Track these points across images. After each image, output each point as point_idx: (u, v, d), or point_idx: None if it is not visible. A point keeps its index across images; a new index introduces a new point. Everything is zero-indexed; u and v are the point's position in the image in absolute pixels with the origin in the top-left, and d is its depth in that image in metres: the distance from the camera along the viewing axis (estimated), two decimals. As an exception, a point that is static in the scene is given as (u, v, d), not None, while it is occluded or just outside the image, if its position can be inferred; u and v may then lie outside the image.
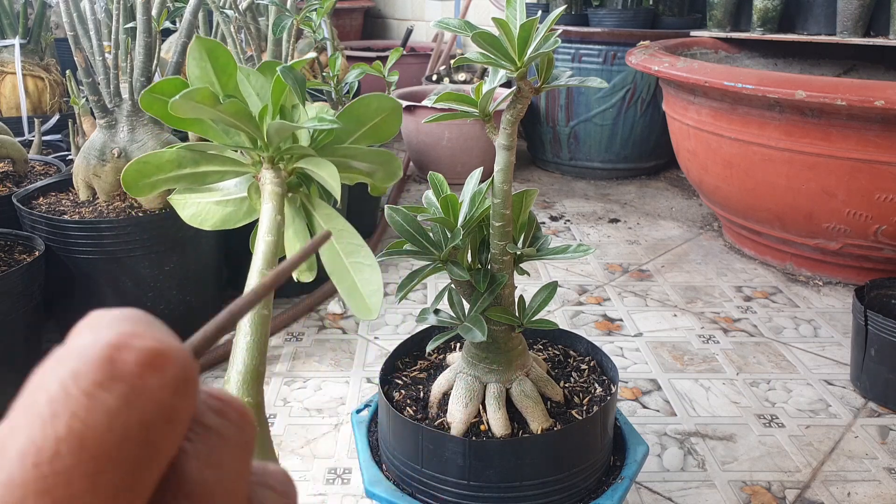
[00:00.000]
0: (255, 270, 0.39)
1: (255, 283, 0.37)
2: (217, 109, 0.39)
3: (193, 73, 0.42)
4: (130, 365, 0.12)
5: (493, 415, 0.67)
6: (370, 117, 0.47)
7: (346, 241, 0.46)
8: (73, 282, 1.11)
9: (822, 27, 1.78)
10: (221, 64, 0.42)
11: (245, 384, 0.36)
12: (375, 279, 0.45)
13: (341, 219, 0.46)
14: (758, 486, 0.90)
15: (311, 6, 1.24)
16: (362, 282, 0.45)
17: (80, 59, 1.09)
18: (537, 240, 0.69)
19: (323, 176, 0.41)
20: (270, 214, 0.41)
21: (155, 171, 0.42)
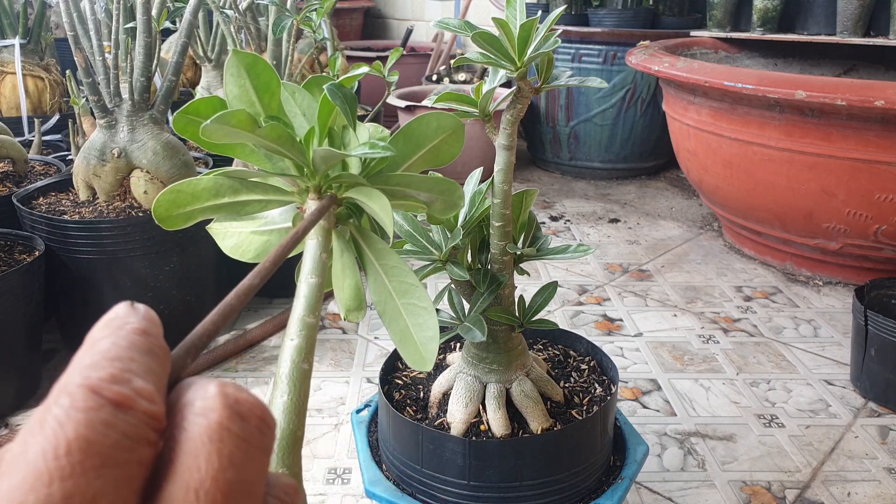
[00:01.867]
0: (295, 317, 0.34)
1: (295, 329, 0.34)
2: (256, 134, 0.35)
3: (232, 93, 0.38)
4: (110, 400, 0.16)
5: (493, 415, 0.67)
6: (429, 138, 0.42)
7: (398, 280, 0.41)
8: (73, 282, 1.11)
9: (822, 27, 1.78)
10: (263, 81, 0.38)
11: (281, 452, 0.32)
12: (431, 324, 0.40)
13: (394, 254, 0.41)
14: (758, 486, 0.90)
15: (311, 6, 1.24)
16: (416, 326, 0.40)
17: (80, 59, 1.09)
18: (537, 240, 0.69)
19: (375, 209, 0.37)
20: (315, 252, 0.37)
21: (190, 200, 0.38)
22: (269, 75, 0.39)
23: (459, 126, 0.42)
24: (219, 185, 0.39)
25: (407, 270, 0.42)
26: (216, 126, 0.34)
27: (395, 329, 0.41)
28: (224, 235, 0.46)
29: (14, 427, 1.01)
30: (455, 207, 0.43)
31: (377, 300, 0.42)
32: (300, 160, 0.39)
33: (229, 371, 1.16)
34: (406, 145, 0.42)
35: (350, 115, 0.40)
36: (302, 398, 0.33)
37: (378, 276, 0.41)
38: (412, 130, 0.42)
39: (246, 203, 0.40)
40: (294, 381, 0.33)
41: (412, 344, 0.41)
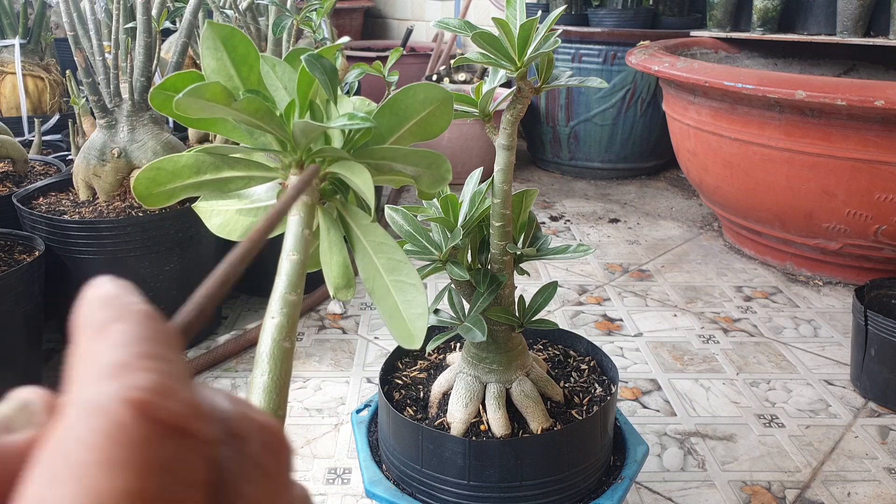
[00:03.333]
0: (277, 295, 0.33)
1: (277, 307, 0.33)
2: (232, 108, 0.34)
3: (209, 66, 0.37)
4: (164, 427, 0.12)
5: (493, 415, 0.67)
6: (416, 111, 0.40)
7: (386, 256, 0.39)
8: (73, 282, 1.11)
9: (822, 27, 1.78)
10: (240, 53, 0.37)
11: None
12: (420, 301, 0.39)
13: (381, 230, 0.40)
14: (758, 486, 0.90)
15: (311, 6, 1.24)
16: (404, 304, 0.39)
17: (80, 59, 1.09)
18: (537, 240, 0.69)
19: (357, 183, 0.36)
20: (296, 229, 0.35)
21: (171, 178, 0.37)
22: (246, 48, 0.37)
23: (447, 97, 0.40)
24: (200, 162, 0.38)
25: (394, 246, 0.40)
26: (189, 100, 0.32)
27: (385, 307, 0.40)
28: (210, 214, 0.44)
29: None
30: (442, 181, 0.42)
31: (366, 277, 0.41)
32: (280, 134, 0.37)
33: (229, 371, 1.16)
34: (392, 118, 0.40)
35: (330, 88, 0.39)
36: (283, 377, 0.32)
37: (366, 252, 0.40)
38: (398, 102, 0.40)
39: (229, 180, 0.39)
40: (275, 359, 0.32)
41: (401, 321, 0.40)
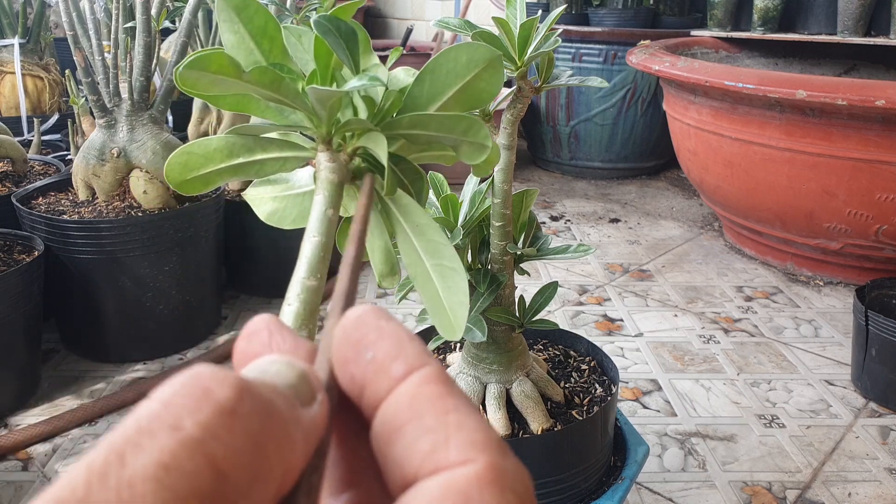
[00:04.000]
0: (295, 279, 0.31)
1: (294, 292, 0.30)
2: (243, 80, 0.31)
3: (228, 42, 0.34)
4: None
5: (493, 415, 0.67)
6: (460, 75, 0.35)
7: (426, 239, 0.36)
8: (73, 282, 1.11)
9: (823, 27, 1.78)
10: (257, 25, 0.34)
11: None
12: (462, 287, 0.36)
13: (422, 211, 0.37)
14: (758, 487, 0.90)
15: (310, 5, 1.24)
16: (445, 290, 0.36)
17: (80, 59, 1.09)
18: (537, 240, 0.69)
19: (376, 152, 0.33)
20: (320, 209, 0.33)
21: (203, 162, 0.35)
22: (263, 18, 0.34)
23: (496, 58, 0.35)
24: (231, 145, 0.36)
25: (435, 228, 0.38)
26: (194, 73, 0.31)
27: (427, 295, 0.37)
28: (259, 202, 0.42)
29: (13, 427, 1.01)
30: (484, 149, 0.37)
31: (408, 262, 0.38)
32: (301, 107, 0.35)
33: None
34: (432, 85, 0.36)
35: (347, 53, 0.35)
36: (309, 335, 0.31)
37: (406, 235, 0.37)
38: (438, 67, 0.36)
39: (263, 162, 0.37)
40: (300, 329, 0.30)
41: (442, 310, 0.37)
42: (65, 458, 0.95)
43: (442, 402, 0.15)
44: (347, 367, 0.16)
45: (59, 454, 0.95)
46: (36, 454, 0.95)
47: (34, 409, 1.05)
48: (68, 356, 1.20)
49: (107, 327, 1.15)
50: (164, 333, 1.19)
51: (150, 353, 1.19)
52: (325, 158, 0.35)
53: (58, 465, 0.93)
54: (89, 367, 1.16)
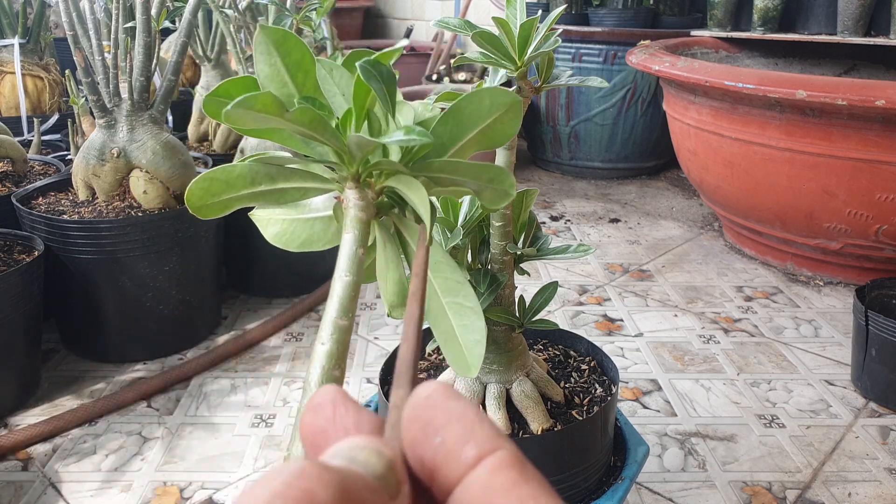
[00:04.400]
0: (328, 319, 0.31)
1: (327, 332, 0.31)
2: (285, 119, 0.32)
3: (262, 72, 0.35)
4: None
5: (493, 415, 0.67)
6: (482, 117, 0.37)
7: (443, 277, 0.38)
8: (73, 282, 1.11)
9: (823, 27, 1.78)
10: (294, 59, 0.35)
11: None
12: (478, 326, 0.37)
13: (440, 249, 0.38)
14: (758, 487, 0.90)
15: (310, 5, 1.24)
16: (461, 328, 0.37)
17: (80, 59, 1.09)
18: (537, 240, 0.69)
19: (414, 201, 0.34)
20: (351, 248, 0.34)
21: (225, 188, 0.36)
22: (301, 52, 0.35)
23: (516, 102, 0.36)
24: (255, 173, 0.37)
25: (454, 266, 0.39)
26: (240, 111, 0.31)
27: (440, 330, 0.38)
28: (267, 223, 0.43)
29: (13, 427, 1.01)
30: (506, 196, 0.39)
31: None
32: (336, 146, 0.35)
33: (229, 371, 1.15)
34: (455, 126, 0.38)
35: (387, 97, 0.36)
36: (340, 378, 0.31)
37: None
38: (462, 110, 0.37)
39: (284, 191, 0.38)
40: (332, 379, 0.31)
41: (457, 347, 0.38)
42: (65, 458, 0.95)
43: (517, 492, 0.15)
44: (416, 450, 0.16)
45: (59, 454, 0.95)
46: (36, 454, 0.95)
47: (34, 409, 1.05)
48: (68, 356, 1.20)
49: (107, 327, 1.15)
50: (164, 333, 1.19)
51: (150, 353, 1.19)
52: (354, 196, 0.36)
53: (58, 465, 0.93)
54: (89, 367, 1.16)
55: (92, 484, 0.90)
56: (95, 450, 0.96)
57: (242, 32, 1.43)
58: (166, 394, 1.09)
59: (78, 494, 0.88)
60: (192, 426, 1.01)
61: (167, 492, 0.88)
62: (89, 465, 0.93)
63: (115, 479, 0.91)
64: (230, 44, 1.33)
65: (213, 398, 1.08)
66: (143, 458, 0.95)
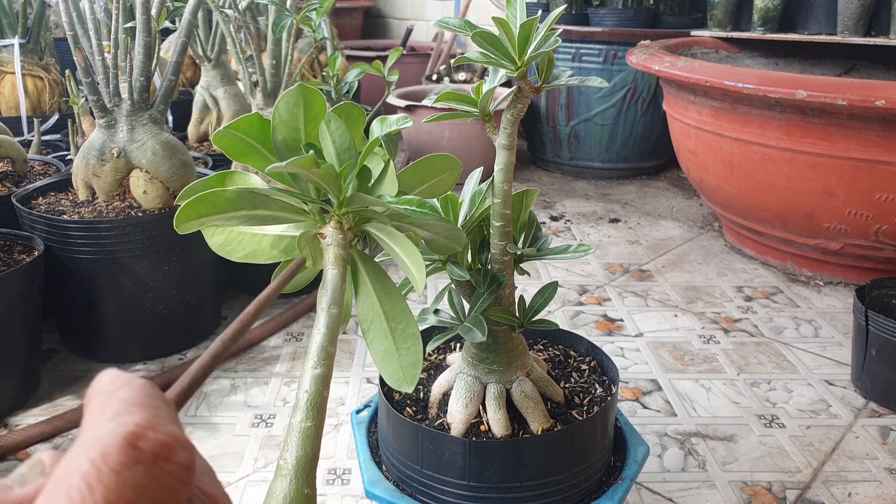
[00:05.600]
0: (317, 347, 0.36)
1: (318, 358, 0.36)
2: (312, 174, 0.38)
3: (280, 117, 0.40)
4: (148, 453, 0.15)
5: (493, 415, 0.67)
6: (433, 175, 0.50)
7: (390, 305, 0.44)
8: (73, 282, 1.11)
9: (823, 27, 1.78)
10: (314, 113, 0.41)
11: (304, 474, 0.34)
12: (416, 350, 0.44)
13: (390, 280, 0.44)
14: (758, 487, 0.90)
15: (310, 5, 1.24)
16: (403, 351, 0.44)
17: (80, 59, 1.09)
18: (537, 240, 0.69)
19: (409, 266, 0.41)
20: (336, 283, 0.39)
21: (210, 209, 0.40)
22: (320, 108, 0.41)
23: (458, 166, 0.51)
24: (241, 199, 0.41)
25: (400, 297, 0.45)
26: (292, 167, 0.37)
27: (378, 349, 0.44)
28: (213, 232, 0.47)
29: (13, 427, 1.01)
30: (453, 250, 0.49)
31: (363, 318, 0.45)
32: (334, 195, 0.41)
33: (229, 371, 1.15)
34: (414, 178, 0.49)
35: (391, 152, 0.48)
36: (321, 423, 0.36)
37: (370, 297, 0.45)
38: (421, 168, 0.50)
39: (262, 217, 0.42)
40: (316, 408, 0.35)
41: (395, 365, 0.44)
42: (65, 458, 0.95)
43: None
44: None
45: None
46: (36, 454, 0.95)
47: (34, 409, 1.05)
48: (68, 356, 1.20)
49: (107, 327, 1.15)
50: (164, 333, 1.19)
51: (150, 353, 1.19)
52: (338, 238, 0.42)
53: (58, 465, 0.93)
54: (89, 367, 1.16)
55: (92, 484, 0.90)
56: (95, 450, 0.96)
57: (242, 32, 1.43)
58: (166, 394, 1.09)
59: (78, 494, 0.88)
60: (192, 426, 1.01)
61: (167, 492, 0.88)
62: (89, 465, 0.93)
63: (115, 479, 0.91)
64: (230, 44, 1.33)
65: (213, 398, 1.08)
66: (143, 458, 0.94)
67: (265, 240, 0.47)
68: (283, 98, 0.40)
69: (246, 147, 0.42)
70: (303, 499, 0.35)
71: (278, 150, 0.42)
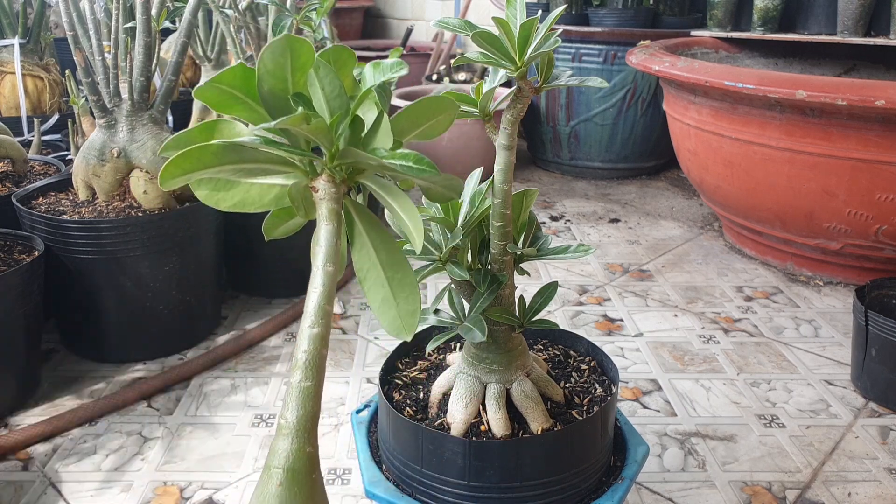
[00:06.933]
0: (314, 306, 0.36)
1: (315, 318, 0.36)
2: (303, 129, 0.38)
3: (265, 67, 0.39)
4: None
5: (493, 415, 0.67)
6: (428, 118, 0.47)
7: (387, 254, 0.44)
8: (73, 282, 1.11)
9: (823, 27, 1.78)
10: (302, 62, 0.40)
11: (305, 433, 0.34)
12: (414, 299, 0.44)
13: (384, 230, 0.44)
14: (758, 487, 0.90)
15: (310, 5, 1.24)
16: (401, 299, 0.44)
17: (80, 59, 1.09)
18: (537, 240, 0.69)
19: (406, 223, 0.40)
20: (331, 240, 0.39)
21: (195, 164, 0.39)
22: (308, 57, 0.40)
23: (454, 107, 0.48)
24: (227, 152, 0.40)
25: (396, 247, 0.44)
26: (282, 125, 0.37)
27: (375, 297, 0.44)
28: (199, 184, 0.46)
29: (13, 427, 1.01)
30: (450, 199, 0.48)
31: (359, 268, 0.45)
32: (326, 146, 0.40)
33: (229, 371, 1.16)
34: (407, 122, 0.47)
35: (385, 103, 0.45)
36: (320, 381, 0.36)
37: (365, 246, 0.44)
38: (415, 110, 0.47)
39: (250, 170, 0.42)
40: (315, 367, 0.35)
41: (393, 313, 0.44)
42: (65, 458, 0.95)
43: None
44: None
45: (60, 454, 0.95)
46: (36, 454, 0.96)
47: (34, 409, 1.05)
48: (68, 356, 1.20)
49: (107, 327, 1.15)
50: (164, 333, 1.19)
51: (150, 353, 1.19)
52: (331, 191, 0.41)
53: (58, 466, 0.93)
54: (89, 367, 1.16)
55: (92, 484, 0.90)
56: (95, 450, 0.96)
57: (242, 32, 1.43)
58: (166, 394, 1.09)
59: (78, 494, 0.88)
60: (192, 426, 1.01)
61: (167, 492, 0.89)
62: (89, 465, 0.93)
63: (116, 479, 0.91)
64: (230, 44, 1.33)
65: (213, 398, 1.08)
66: (144, 458, 0.95)
67: (253, 189, 0.46)
68: (268, 48, 0.39)
69: (230, 98, 0.41)
70: (305, 457, 0.36)
71: (265, 101, 0.41)
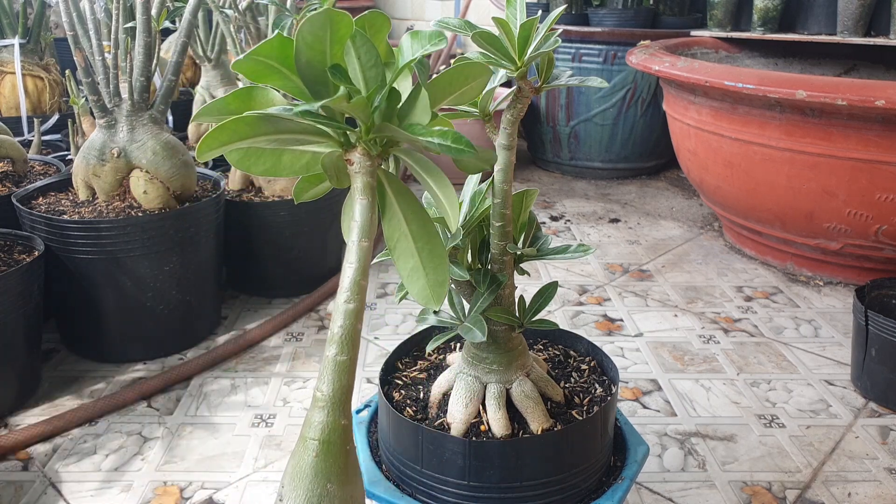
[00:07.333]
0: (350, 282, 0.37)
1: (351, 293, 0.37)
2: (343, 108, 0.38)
3: (304, 40, 0.39)
4: None
5: (493, 415, 0.67)
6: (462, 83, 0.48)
7: (418, 225, 0.45)
8: (73, 282, 1.11)
9: (823, 27, 1.78)
10: (341, 35, 0.40)
11: (340, 405, 0.35)
12: (443, 269, 0.45)
13: (416, 200, 0.45)
14: (758, 487, 0.90)
15: (310, 5, 1.24)
16: (429, 269, 0.45)
17: (80, 59, 1.09)
18: (537, 240, 0.69)
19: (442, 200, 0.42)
20: (366, 214, 0.39)
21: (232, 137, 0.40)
22: (347, 30, 0.40)
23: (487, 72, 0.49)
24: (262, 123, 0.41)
25: (427, 218, 0.45)
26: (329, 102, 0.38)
27: (405, 266, 0.45)
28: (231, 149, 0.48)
29: (13, 427, 1.01)
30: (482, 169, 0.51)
31: (389, 237, 0.45)
32: (363, 120, 0.41)
33: (229, 371, 1.16)
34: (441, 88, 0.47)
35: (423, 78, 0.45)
36: (355, 356, 0.37)
37: (396, 216, 0.45)
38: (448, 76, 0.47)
39: (285, 140, 0.43)
40: (351, 341, 0.37)
41: (422, 283, 0.45)
42: (65, 458, 0.95)
43: None
44: None
45: (60, 454, 0.95)
46: (36, 454, 0.96)
47: (34, 409, 1.05)
48: (68, 356, 1.20)
49: (107, 327, 1.15)
50: (164, 333, 1.19)
51: (150, 353, 1.19)
52: (367, 165, 0.42)
53: (58, 465, 0.93)
54: (89, 367, 1.16)
55: (92, 484, 0.90)
56: (95, 450, 0.96)
57: (242, 32, 1.43)
58: (166, 394, 1.09)
59: (78, 494, 0.88)
60: (192, 426, 1.01)
61: (167, 492, 0.89)
62: (89, 465, 0.93)
63: (116, 479, 0.91)
64: (230, 44, 1.33)
65: (213, 398, 1.08)
66: (144, 457, 0.95)
67: (285, 155, 0.46)
68: (307, 21, 0.39)
69: (266, 69, 0.41)
70: (340, 429, 0.38)
71: (301, 72, 0.41)
